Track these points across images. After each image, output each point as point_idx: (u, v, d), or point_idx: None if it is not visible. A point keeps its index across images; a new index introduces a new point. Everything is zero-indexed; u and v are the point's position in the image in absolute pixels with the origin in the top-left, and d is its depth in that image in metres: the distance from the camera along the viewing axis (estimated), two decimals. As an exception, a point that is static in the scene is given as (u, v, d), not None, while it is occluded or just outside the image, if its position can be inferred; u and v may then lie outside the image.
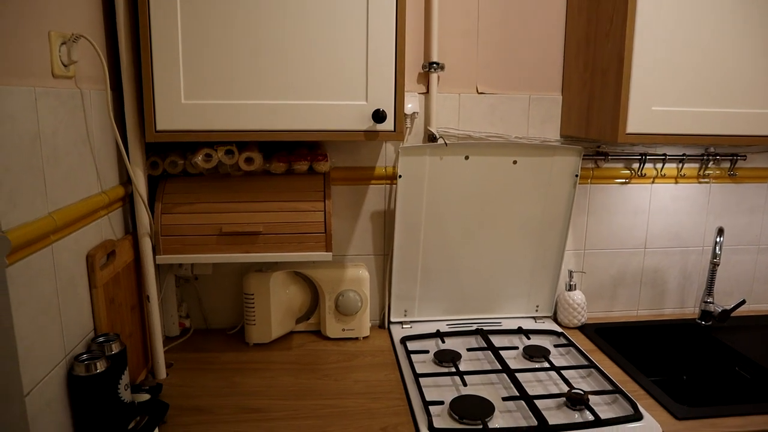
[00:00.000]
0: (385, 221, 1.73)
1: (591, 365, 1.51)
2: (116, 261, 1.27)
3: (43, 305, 0.97)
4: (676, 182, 1.83)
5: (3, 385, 0.89)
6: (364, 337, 1.68)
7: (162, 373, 1.45)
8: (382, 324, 1.79)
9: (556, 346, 1.65)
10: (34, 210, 0.96)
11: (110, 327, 1.23)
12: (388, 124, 1.32)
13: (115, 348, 1.14)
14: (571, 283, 1.79)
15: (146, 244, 1.37)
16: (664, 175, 1.81)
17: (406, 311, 1.75)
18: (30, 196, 0.94)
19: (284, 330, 1.66)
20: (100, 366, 1.07)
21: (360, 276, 1.63)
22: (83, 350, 1.11)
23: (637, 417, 1.28)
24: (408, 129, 1.67)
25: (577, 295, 1.77)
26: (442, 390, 1.39)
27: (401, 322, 1.76)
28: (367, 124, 1.32)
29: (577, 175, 1.65)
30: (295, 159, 1.44)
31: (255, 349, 1.61)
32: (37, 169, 0.97)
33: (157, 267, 1.50)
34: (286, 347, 1.62)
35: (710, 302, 1.74)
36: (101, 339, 1.15)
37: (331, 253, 1.41)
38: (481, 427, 1.23)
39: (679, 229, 1.87)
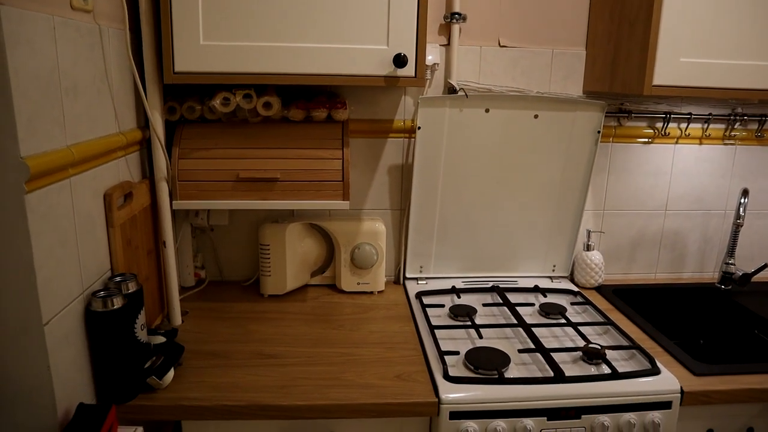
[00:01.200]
0: (403, 176, 1.71)
1: (608, 322, 1.49)
2: (133, 203, 1.26)
3: (60, 238, 0.97)
4: (701, 143, 1.79)
5: (23, 313, 0.90)
6: (379, 292, 1.68)
7: (178, 319, 1.46)
8: (397, 280, 1.78)
9: (572, 304, 1.64)
10: (53, 140, 0.95)
11: (127, 268, 1.23)
12: (409, 70, 1.30)
13: (132, 287, 1.14)
14: (589, 242, 1.77)
15: (163, 189, 1.36)
16: (689, 135, 1.77)
17: (421, 267, 1.74)
18: (48, 126, 0.93)
19: (299, 282, 1.65)
20: (117, 302, 1.07)
21: (376, 229, 1.62)
22: (100, 288, 1.11)
23: (654, 371, 1.27)
24: (428, 81, 1.64)
25: (595, 255, 1.75)
26: (458, 342, 1.39)
27: (416, 278, 1.75)
28: (387, 69, 1.29)
29: (599, 132, 1.62)
30: (314, 106, 1.42)
31: (270, 300, 1.61)
32: (56, 100, 0.96)
33: (174, 214, 1.49)
34: (300, 299, 1.62)
35: (731, 263, 1.72)
36: (118, 278, 1.15)
37: (348, 202, 1.39)
38: (497, 376, 1.22)
39: (701, 192, 1.84)
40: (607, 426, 1.19)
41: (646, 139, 1.77)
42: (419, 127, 1.55)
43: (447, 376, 1.21)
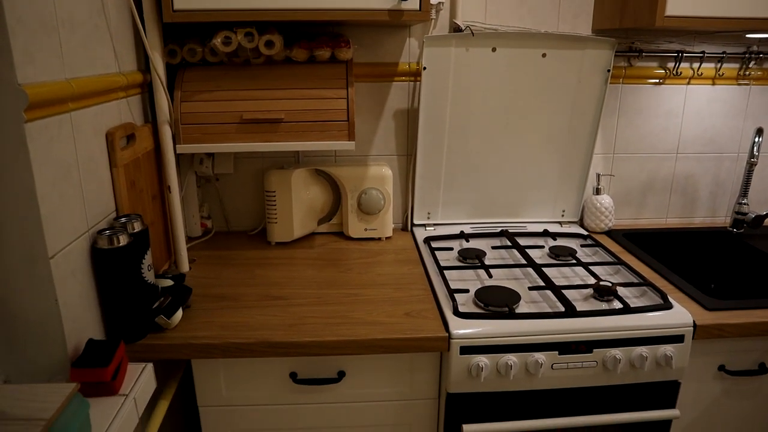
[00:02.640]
0: (409, 120, 1.68)
1: (619, 262, 1.48)
2: (136, 145, 1.24)
3: (63, 172, 0.95)
4: (713, 83, 1.75)
5: (29, 246, 0.89)
6: (386, 238, 1.66)
7: (185, 266, 1.45)
8: (405, 227, 1.77)
9: (582, 246, 1.62)
10: (51, 71, 0.93)
11: (131, 209, 1.21)
12: (414, 3, 1.26)
13: (137, 227, 1.13)
14: (599, 186, 1.74)
15: (166, 132, 1.34)
16: (701, 75, 1.73)
17: (429, 214, 1.72)
18: (46, 56, 0.91)
19: (306, 230, 1.64)
20: (122, 240, 1.06)
21: (383, 174, 1.60)
22: (106, 227, 1.10)
23: (666, 306, 1.25)
24: (433, 21, 1.59)
25: (605, 199, 1.73)
26: (467, 283, 1.37)
27: (424, 225, 1.73)
28: (391, 2, 1.26)
29: (609, 70, 1.58)
30: (317, 45, 1.39)
31: (277, 247, 1.60)
32: (52, 29, 0.93)
33: (178, 160, 1.48)
34: (308, 246, 1.61)
35: (744, 203, 1.69)
36: (123, 219, 1.14)
37: (353, 142, 1.37)
38: (507, 311, 1.21)
39: (713, 134, 1.80)
40: (618, 359, 1.18)
41: (657, 80, 1.72)
42: (425, 68, 1.52)
43: (457, 312, 1.20)
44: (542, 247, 1.59)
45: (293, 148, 1.37)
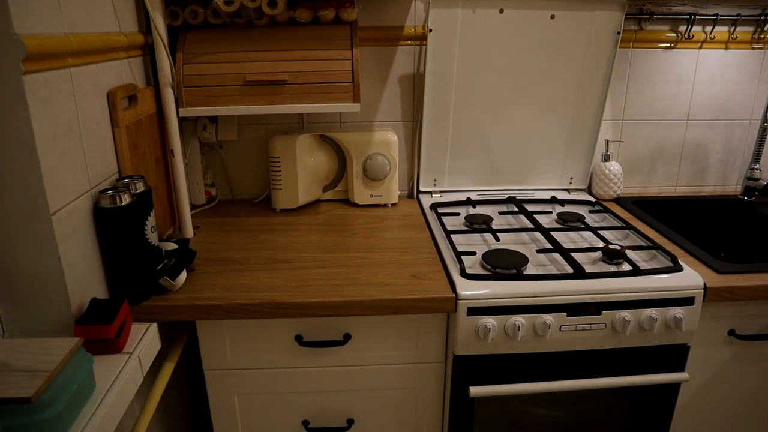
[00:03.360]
0: (414, 86, 1.65)
1: (628, 227, 1.46)
2: (138, 107, 1.23)
3: (64, 128, 0.94)
4: (726, 48, 1.71)
5: (30, 201, 0.88)
6: (392, 204, 1.65)
7: (189, 232, 1.44)
8: (411, 194, 1.75)
9: (590, 212, 1.60)
10: (49, 24, 0.91)
11: (134, 171, 1.20)
12: (420, -41, 1.23)
13: (140, 187, 1.11)
14: (608, 153, 1.72)
15: (168, 95, 1.32)
16: (714, 38, 1.69)
17: (435, 181, 1.70)
18: (43, 8, 0.89)
19: (311, 197, 1.63)
20: (125, 199, 1.04)
21: (389, 139, 1.58)
22: (108, 187, 1.09)
23: (677, 268, 1.24)
24: (439, -17, 1.56)
25: (614, 166, 1.70)
26: (474, 246, 1.36)
27: (430, 192, 1.72)
28: (397, -42, 1.23)
29: (619, 33, 1.55)
30: (321, 5, 1.36)
31: (282, 214, 1.59)
32: (48, -21, 0.91)
33: (181, 126, 1.46)
34: (313, 212, 1.59)
35: (756, 169, 1.66)
36: (126, 180, 1.12)
37: (358, 105, 1.35)
38: (515, 272, 1.20)
39: (725, 100, 1.76)
40: (628, 321, 1.17)
41: (668, 44, 1.69)
42: (430, 30, 1.49)
43: (464, 273, 1.19)
44: (550, 213, 1.57)
45: (297, 110, 1.35)
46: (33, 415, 0.70)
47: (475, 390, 1.17)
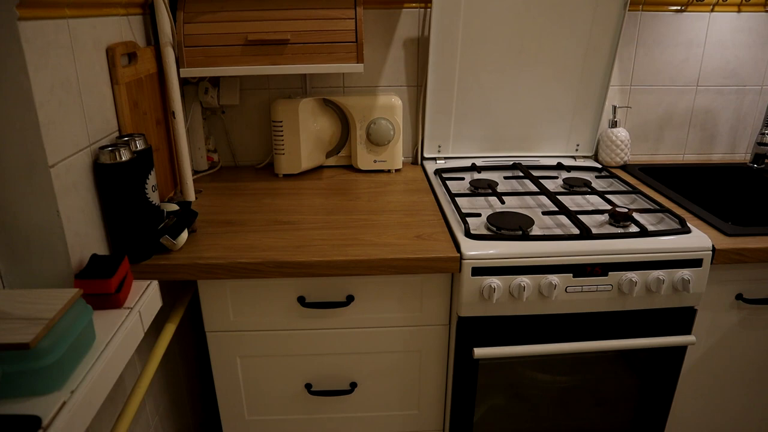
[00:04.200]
0: (419, 50, 1.62)
1: (635, 192, 1.44)
2: (138, 66, 1.20)
3: (62, 80, 0.92)
4: (739, 10, 1.67)
5: (28, 153, 0.87)
6: (396, 170, 1.63)
7: (191, 195, 1.42)
8: (415, 161, 1.73)
9: (597, 178, 1.58)
10: (44, -30, 0.89)
11: (135, 131, 1.18)
12: None
13: (141, 145, 1.10)
14: (615, 119, 1.69)
15: (169, 55, 1.30)
16: (726, 1, 1.65)
17: (439, 147, 1.68)
18: (38, -48, 0.87)
19: (314, 162, 1.61)
20: (125, 155, 1.03)
21: (392, 103, 1.55)
22: (108, 144, 1.07)
23: (685, 230, 1.22)
24: (445, -58, 1.53)
25: (621, 132, 1.68)
26: (479, 209, 1.34)
27: (434, 158, 1.69)
28: None
29: (629, -6, 1.51)
30: (324, -37, 1.33)
31: (285, 179, 1.57)
32: (43, -76, 0.89)
33: (182, 88, 1.44)
34: (316, 177, 1.58)
35: (767, 134, 1.63)
36: (126, 138, 1.11)
37: (362, 65, 1.32)
38: (520, 233, 1.18)
39: (737, 66, 1.73)
40: (635, 282, 1.15)
41: (679, 7, 1.65)
42: (436, -9, 1.46)
43: (469, 234, 1.17)
44: (555, 178, 1.55)
45: (300, 71, 1.32)
46: (32, 362, 0.69)
47: (479, 351, 1.16)
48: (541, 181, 1.48)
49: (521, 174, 1.56)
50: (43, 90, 0.87)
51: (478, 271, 1.12)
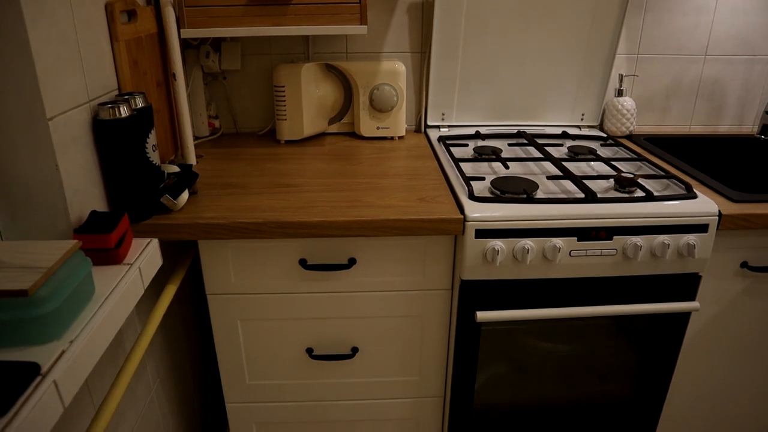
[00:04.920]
0: (423, 15, 1.60)
1: (641, 159, 1.42)
2: (138, 24, 1.18)
3: (59, 33, 0.90)
4: (749, -23, 1.64)
5: (26, 105, 0.85)
6: (399, 137, 1.61)
7: (192, 159, 1.40)
8: (419, 128, 1.71)
9: (602, 146, 1.56)
10: None
11: (135, 89, 1.17)
12: None
13: (140, 103, 1.08)
14: (621, 88, 1.67)
15: (169, 14, 1.28)
16: (736, -33, 1.62)
17: (443, 115, 1.66)
18: None
19: (316, 129, 1.59)
20: (124, 112, 1.01)
21: (396, 69, 1.53)
22: (108, 101, 1.05)
23: (691, 196, 1.20)
24: None
25: (627, 101, 1.65)
26: (483, 174, 1.32)
27: (438, 126, 1.68)
28: None
29: (638, -42, 1.48)
30: None
31: (287, 145, 1.56)
32: None
33: (183, 50, 1.42)
34: (318, 144, 1.56)
35: (776, 102, 1.61)
36: (126, 96, 1.09)
37: (365, 27, 1.30)
38: (525, 196, 1.17)
39: (747, 34, 1.70)
40: (639, 247, 1.14)
41: (689, -27, 1.62)
42: (442, -48, 1.43)
43: (472, 196, 1.16)
44: (560, 146, 1.54)
45: (302, 32, 1.30)
46: (31, 309, 0.69)
47: (481, 315, 1.16)
48: (545, 148, 1.46)
49: (525, 142, 1.54)
50: (40, 41, 0.85)
51: (481, 234, 1.11)
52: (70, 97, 0.93)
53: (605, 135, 1.63)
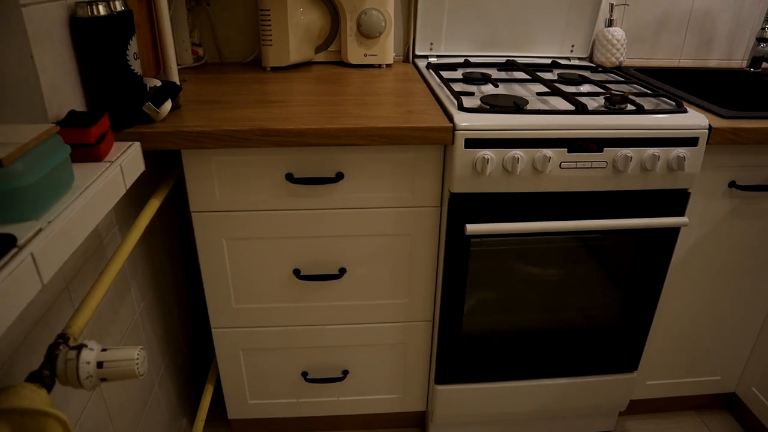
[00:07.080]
0: (412, -61, 1.56)
1: (630, 82, 1.40)
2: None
3: None
4: None
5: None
6: (387, 65, 1.58)
7: (174, 78, 1.37)
8: (407, 59, 1.68)
9: (593, 73, 1.54)
10: None
11: (113, -4, 1.12)
12: None
13: (119, 6, 1.04)
14: (612, 18, 1.64)
15: (149, -76, 1.23)
16: None
17: (431, 44, 1.63)
18: None
19: (303, 56, 1.56)
20: (102, 10, 0.98)
21: (384, -7, 1.50)
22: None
23: (681, 110, 1.19)
24: None
25: (617, 32, 1.63)
26: (473, 92, 1.30)
27: (426, 56, 1.65)
28: None
29: None
30: None
31: (273, 71, 1.52)
32: None
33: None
34: (305, 71, 1.53)
35: (767, 28, 1.60)
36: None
37: (353, -61, 1.27)
38: (514, 108, 1.15)
39: (737, -36, 1.68)
40: (630, 158, 1.13)
41: None
42: None
43: (462, 107, 1.14)
44: (550, 72, 1.52)
45: (287, -56, 1.26)
46: (6, 182, 0.66)
47: (471, 227, 1.14)
48: (536, 73, 1.44)
49: (515, 69, 1.52)
50: None
51: (471, 143, 1.09)
52: (42, -12, 0.90)
53: (595, 65, 1.62)
